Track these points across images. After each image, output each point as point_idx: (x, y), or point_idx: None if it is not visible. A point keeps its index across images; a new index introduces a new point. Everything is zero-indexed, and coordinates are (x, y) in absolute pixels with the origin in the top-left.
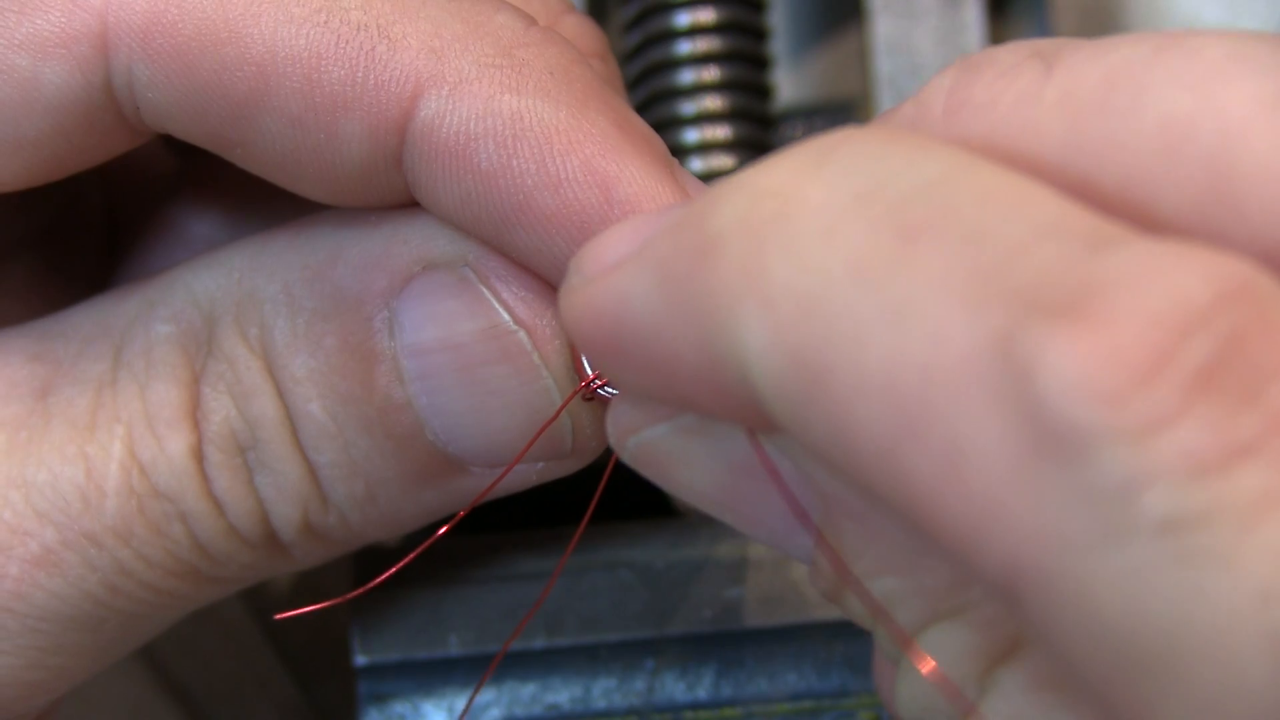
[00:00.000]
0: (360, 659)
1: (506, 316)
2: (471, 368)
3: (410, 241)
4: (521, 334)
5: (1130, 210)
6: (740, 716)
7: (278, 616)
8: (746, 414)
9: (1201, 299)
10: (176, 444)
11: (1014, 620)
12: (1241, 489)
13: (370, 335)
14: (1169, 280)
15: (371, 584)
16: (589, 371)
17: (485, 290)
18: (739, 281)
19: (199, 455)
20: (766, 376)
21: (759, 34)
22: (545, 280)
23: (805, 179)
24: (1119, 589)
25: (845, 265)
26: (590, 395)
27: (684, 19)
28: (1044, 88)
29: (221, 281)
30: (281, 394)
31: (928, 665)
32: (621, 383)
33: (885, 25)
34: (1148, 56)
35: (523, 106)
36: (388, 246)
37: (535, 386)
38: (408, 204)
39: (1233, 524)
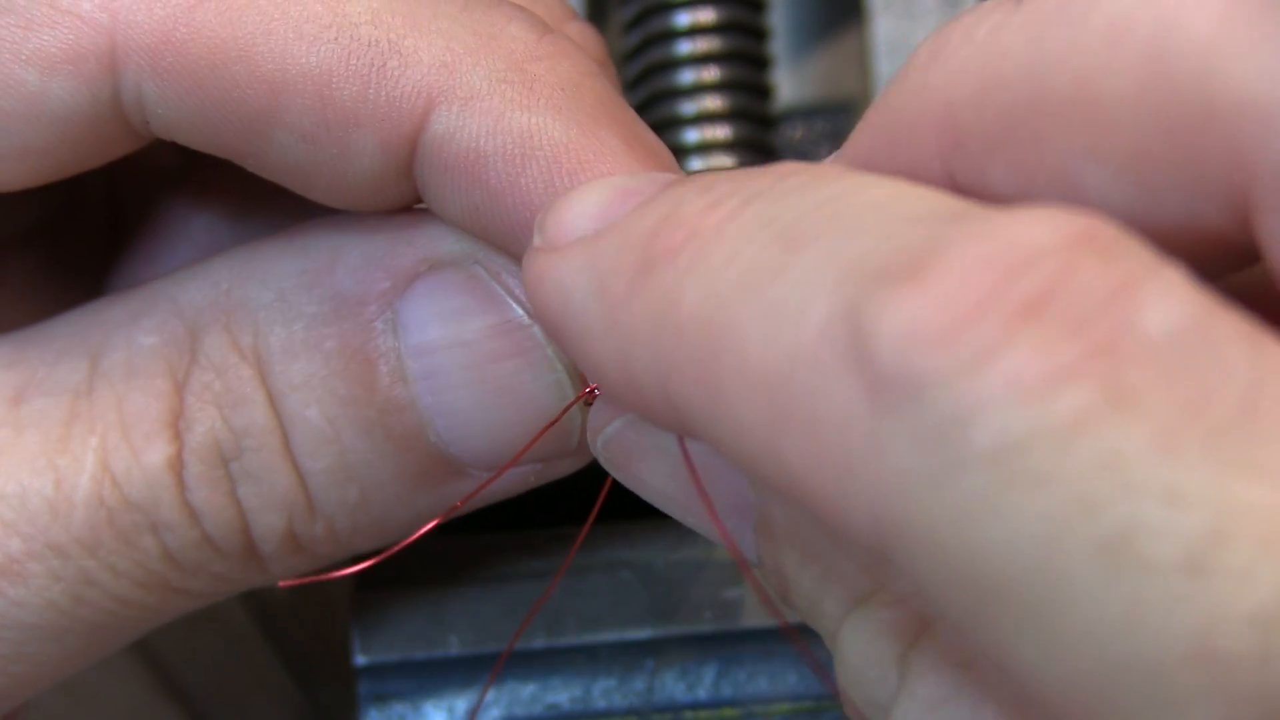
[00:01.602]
0: (360, 659)
1: (520, 311)
2: (480, 365)
3: (414, 242)
4: (535, 328)
5: (1086, 112)
6: (740, 716)
7: (283, 584)
8: (663, 421)
9: (1035, 244)
10: (154, 455)
11: (898, 584)
12: (1061, 409)
13: (372, 336)
14: (1005, 233)
15: (375, 559)
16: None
17: (497, 286)
18: (659, 315)
19: (178, 466)
20: (679, 397)
21: (759, 34)
22: None
23: (727, 218)
24: (959, 522)
25: (738, 280)
26: (592, 400)
27: (684, 19)
28: (1011, 17)
29: (207, 293)
30: (274, 402)
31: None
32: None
33: (885, 25)
34: None
35: (533, 124)
36: (390, 248)
37: (547, 381)
38: (412, 206)
39: (1054, 442)
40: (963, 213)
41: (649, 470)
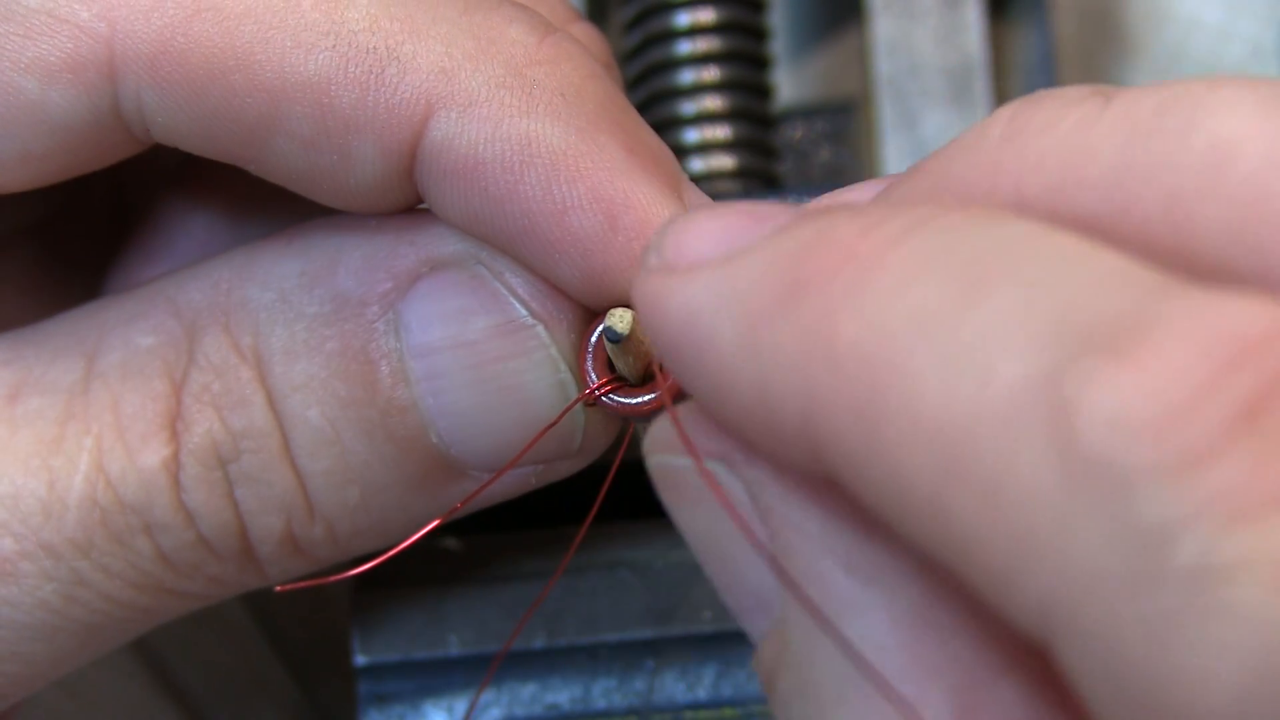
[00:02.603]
0: (360, 659)
1: (523, 311)
2: (483, 365)
3: (416, 243)
4: (539, 328)
5: (1172, 231)
6: (740, 716)
7: (280, 588)
8: (788, 453)
9: (1250, 335)
10: (150, 457)
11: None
12: (1275, 540)
13: (374, 338)
14: (1218, 318)
15: (375, 562)
16: (593, 379)
17: (500, 285)
18: (809, 341)
19: (174, 468)
20: (825, 431)
21: (759, 34)
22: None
23: (888, 245)
24: (1146, 640)
25: (909, 319)
26: (593, 401)
27: (684, 19)
28: (1101, 114)
29: (207, 293)
30: (274, 403)
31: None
32: (681, 381)
33: (885, 25)
34: (1203, 89)
35: (531, 130)
36: (392, 249)
37: (551, 381)
38: (414, 207)
39: (1262, 578)
40: (1168, 284)
41: (692, 515)
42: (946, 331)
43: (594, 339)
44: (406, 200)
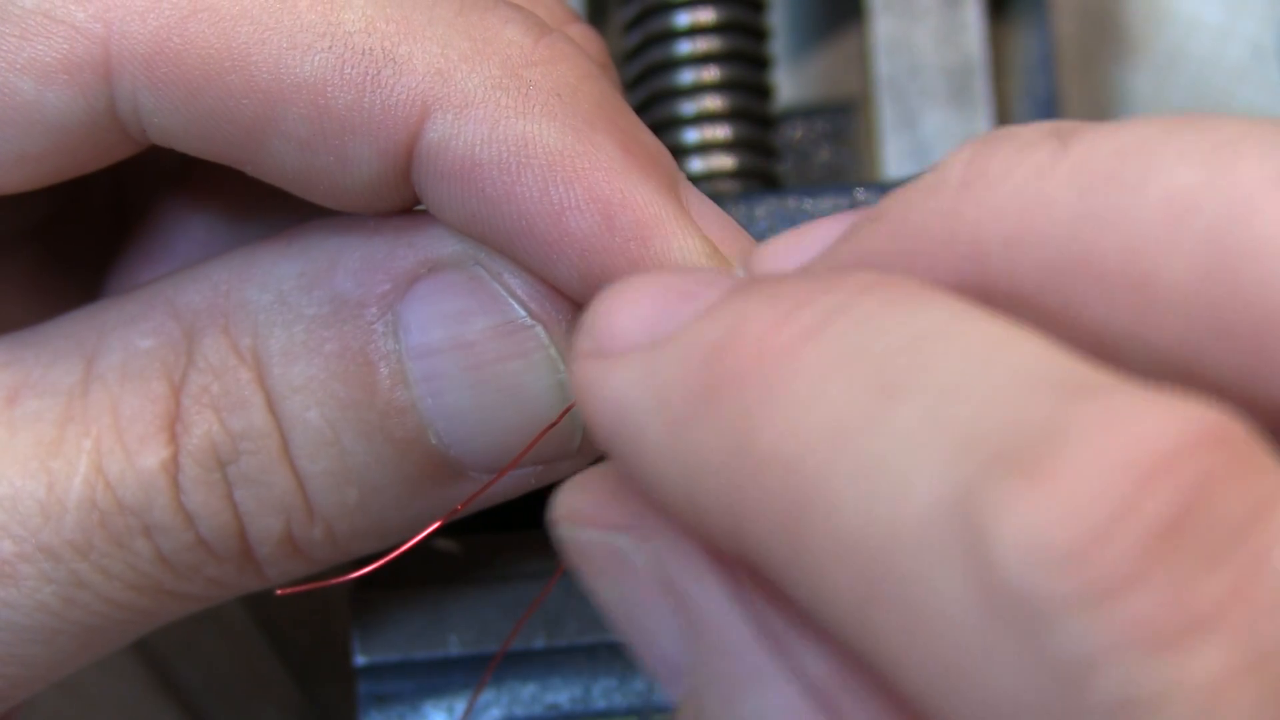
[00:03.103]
0: (360, 659)
1: (522, 312)
2: (482, 366)
3: (415, 245)
4: (538, 328)
5: (1131, 287)
6: None
7: (280, 592)
8: (716, 544)
9: (1167, 445)
10: (149, 458)
11: None
12: (1199, 667)
13: (373, 339)
14: (1134, 427)
15: (375, 565)
16: None
17: (499, 286)
18: (730, 446)
19: (173, 469)
20: (754, 541)
21: (759, 34)
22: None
23: (802, 340)
24: None
25: (825, 428)
26: None
27: (684, 19)
28: (1058, 162)
29: (205, 294)
30: (273, 404)
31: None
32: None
33: (885, 25)
34: (1160, 133)
35: (527, 131)
36: (390, 250)
37: (550, 381)
38: (412, 208)
39: (1189, 708)
40: (1081, 385)
41: (601, 587)
42: (860, 443)
43: None
44: (404, 201)
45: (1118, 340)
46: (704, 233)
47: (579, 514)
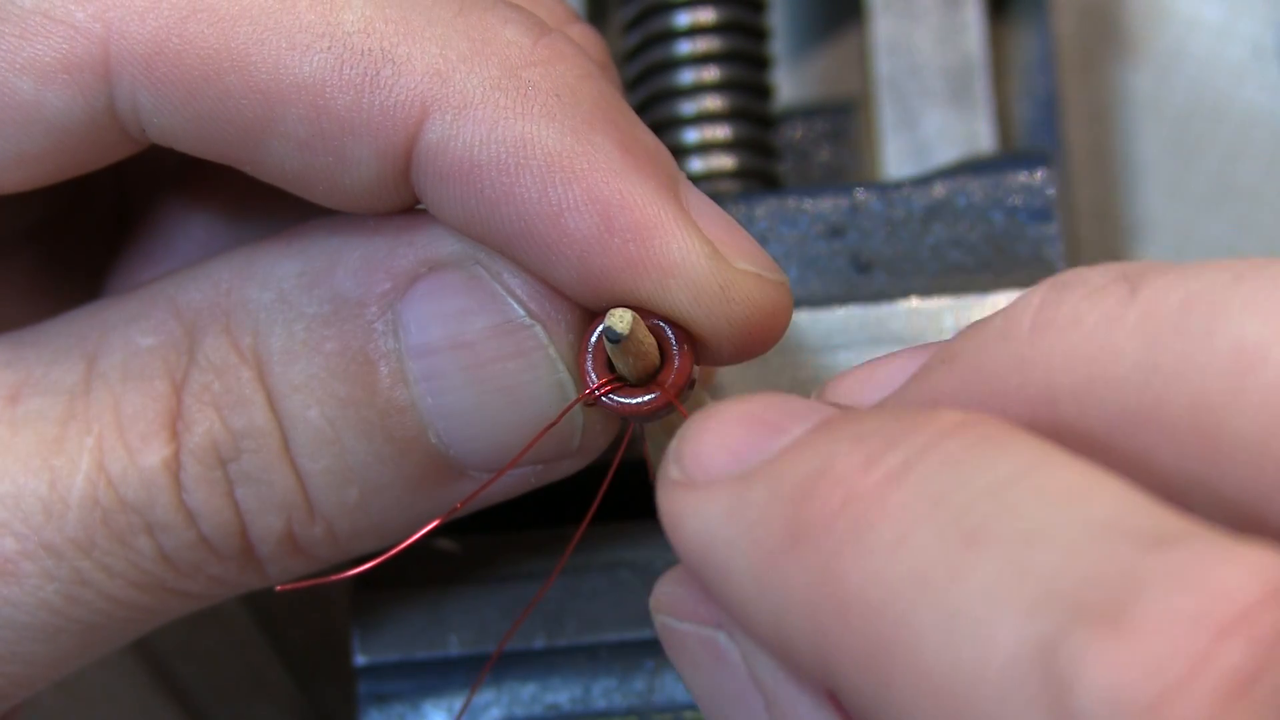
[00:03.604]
0: (360, 659)
1: (521, 311)
2: (482, 365)
3: (415, 244)
4: (537, 328)
5: (1199, 439)
6: None
7: (280, 588)
8: (818, 682)
9: (1244, 598)
10: (150, 457)
11: None
12: None
13: (373, 338)
14: (1212, 579)
15: (374, 562)
16: (593, 379)
17: (498, 286)
18: (817, 586)
19: (175, 467)
20: (841, 677)
21: (759, 34)
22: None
23: (888, 484)
24: None
25: (910, 574)
26: (593, 401)
27: (684, 19)
28: (1126, 310)
29: (207, 293)
30: (274, 403)
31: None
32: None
33: (885, 25)
34: (1228, 282)
35: (526, 132)
36: (391, 249)
37: (549, 381)
38: (412, 207)
39: None
40: (1159, 534)
41: (690, 678)
42: (944, 591)
43: (594, 339)
44: (403, 201)
45: (1189, 486)
46: (704, 233)
47: (677, 606)
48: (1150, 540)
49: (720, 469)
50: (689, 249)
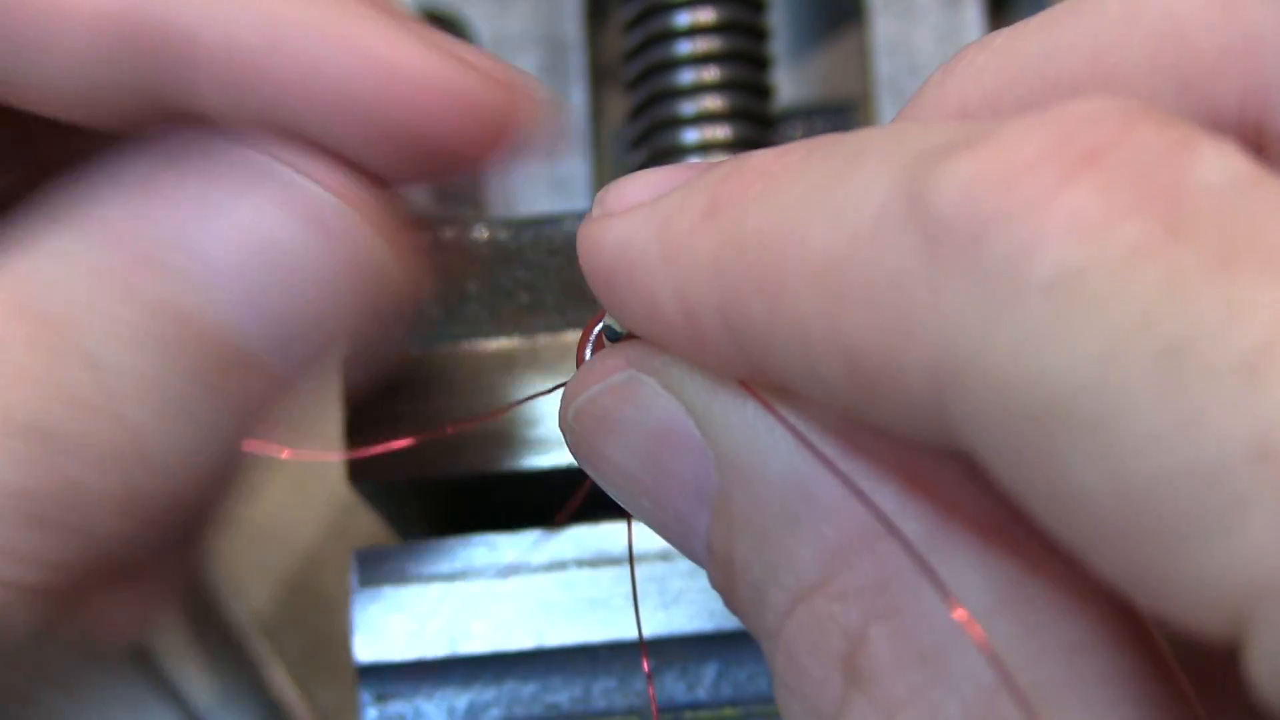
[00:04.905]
0: (360, 659)
1: (325, 195)
2: (278, 256)
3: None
4: (341, 207)
5: (1095, 80)
6: (740, 716)
7: (286, 454)
8: (722, 352)
9: (1091, 111)
10: None
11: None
12: (1121, 239)
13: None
14: (1062, 108)
15: (370, 450)
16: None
17: (267, 159)
18: (722, 241)
19: None
20: (737, 314)
21: (759, 34)
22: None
23: (799, 159)
24: (1018, 350)
25: (802, 194)
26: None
27: (684, 19)
28: (1027, 24)
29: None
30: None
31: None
32: (617, 316)
33: (885, 25)
34: None
35: (276, 8)
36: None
37: (352, 259)
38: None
39: (1114, 268)
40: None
41: (616, 443)
42: (828, 191)
43: (593, 336)
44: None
45: None
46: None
47: (581, 380)
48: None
49: (641, 199)
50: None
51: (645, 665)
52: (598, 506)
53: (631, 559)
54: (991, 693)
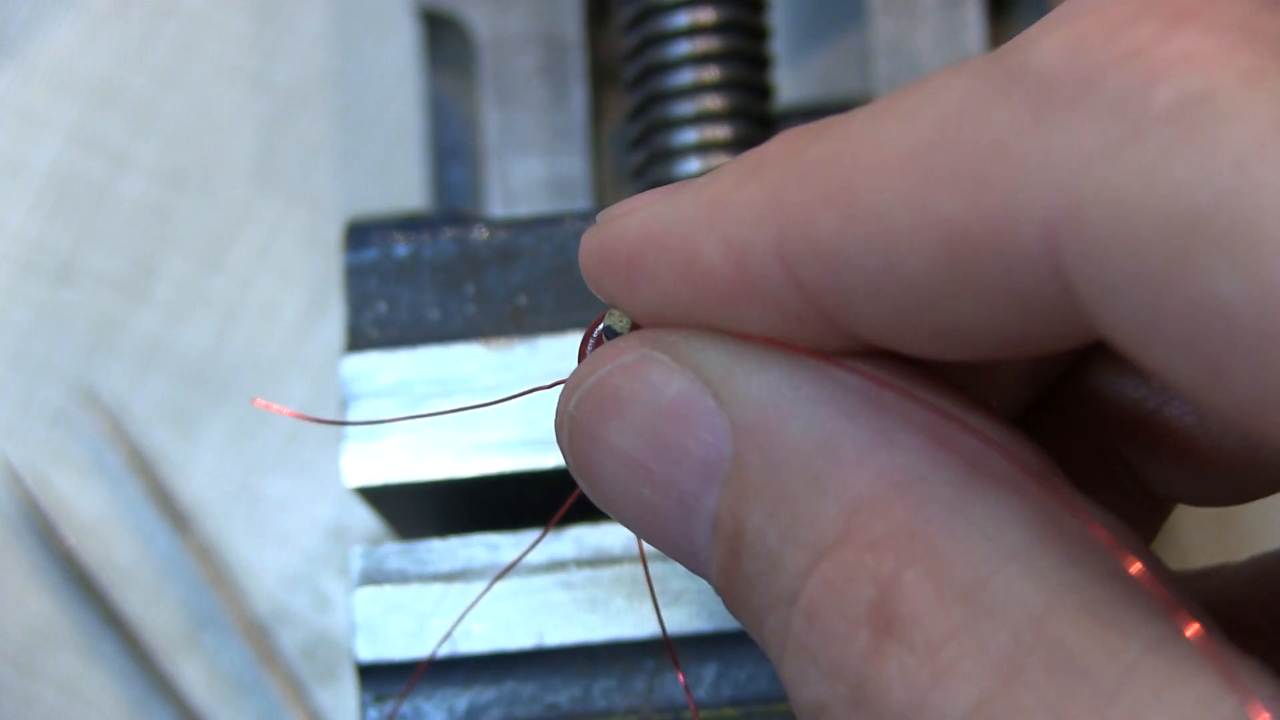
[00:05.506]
0: (360, 659)
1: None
2: None
3: None
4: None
5: None
6: (740, 716)
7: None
8: (778, 300)
9: None
10: None
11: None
12: (1238, 67)
13: None
14: None
15: (371, 420)
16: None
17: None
18: (781, 179)
19: None
20: (799, 240)
21: (759, 34)
22: None
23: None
24: (1150, 176)
25: (865, 114)
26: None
27: (684, 19)
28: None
29: None
30: None
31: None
32: (637, 300)
33: (885, 25)
34: None
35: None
36: None
37: None
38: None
39: (1236, 90)
40: None
41: (620, 426)
42: (899, 103)
43: (594, 337)
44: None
45: None
46: None
47: (590, 366)
48: None
49: (652, 200)
50: None
51: (673, 657)
52: (596, 508)
53: (643, 553)
54: (1041, 617)
